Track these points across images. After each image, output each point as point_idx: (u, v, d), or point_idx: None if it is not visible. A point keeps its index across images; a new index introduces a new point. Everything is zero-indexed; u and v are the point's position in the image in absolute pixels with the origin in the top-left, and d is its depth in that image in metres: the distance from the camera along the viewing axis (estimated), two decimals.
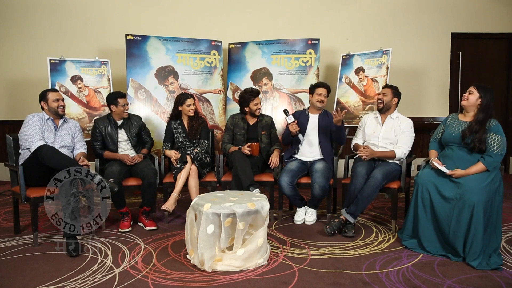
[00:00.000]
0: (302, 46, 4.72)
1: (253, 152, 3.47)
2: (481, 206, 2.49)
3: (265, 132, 3.64)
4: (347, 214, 3.06)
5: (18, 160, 3.04)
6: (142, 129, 3.60)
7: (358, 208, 3.03)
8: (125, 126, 3.49)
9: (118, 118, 3.48)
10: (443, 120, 2.97)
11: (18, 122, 4.86)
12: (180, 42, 4.65)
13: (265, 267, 2.48)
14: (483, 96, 2.70)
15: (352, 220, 3.06)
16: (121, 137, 3.47)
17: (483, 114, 2.69)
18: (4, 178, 5.15)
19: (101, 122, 3.45)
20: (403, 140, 3.19)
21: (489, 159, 2.61)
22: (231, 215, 2.39)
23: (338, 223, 3.05)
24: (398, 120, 3.28)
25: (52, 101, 3.10)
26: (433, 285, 2.24)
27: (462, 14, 5.37)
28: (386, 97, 3.27)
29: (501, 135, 2.64)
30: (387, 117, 3.31)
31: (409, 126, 3.23)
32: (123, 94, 3.47)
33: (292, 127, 3.35)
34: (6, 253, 2.74)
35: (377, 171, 3.06)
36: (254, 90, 3.61)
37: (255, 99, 3.57)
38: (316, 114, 3.52)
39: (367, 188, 3.00)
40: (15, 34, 5.12)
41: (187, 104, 3.54)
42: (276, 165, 3.46)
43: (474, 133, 2.66)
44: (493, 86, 5.43)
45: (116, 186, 2.90)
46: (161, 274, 2.40)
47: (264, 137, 3.63)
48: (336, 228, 3.03)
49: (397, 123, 3.26)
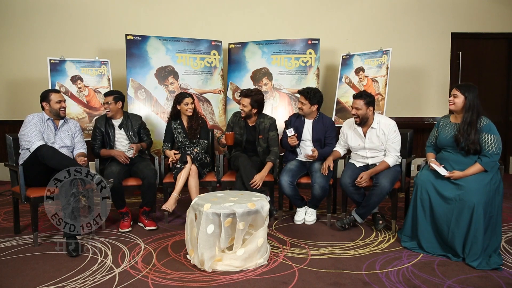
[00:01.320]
0: (302, 46, 4.72)
1: (227, 142, 3.47)
2: (481, 207, 2.49)
3: (262, 136, 3.55)
4: (356, 214, 3.18)
5: (18, 160, 3.04)
6: (141, 128, 3.60)
7: (367, 211, 3.14)
8: (124, 126, 3.49)
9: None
10: (436, 123, 2.94)
11: (18, 122, 4.86)
12: (180, 42, 4.65)
13: (265, 267, 2.48)
14: (467, 96, 2.67)
15: (360, 221, 3.18)
16: (121, 136, 3.47)
17: (469, 113, 2.65)
18: (4, 178, 5.15)
19: (100, 121, 3.47)
20: (390, 147, 3.14)
21: (485, 159, 2.60)
22: (231, 215, 2.39)
23: (349, 220, 3.17)
24: (379, 126, 3.15)
25: (54, 102, 3.10)
26: (433, 285, 2.24)
27: (462, 14, 5.36)
28: (360, 110, 3.09)
29: (494, 133, 2.61)
30: (368, 129, 3.18)
31: (392, 130, 3.13)
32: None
33: (291, 141, 3.34)
34: (6, 253, 2.74)
35: (383, 178, 3.02)
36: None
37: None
38: (311, 120, 3.46)
39: (374, 196, 3.03)
40: (15, 34, 5.12)
41: (184, 103, 3.54)
42: (258, 186, 3.24)
43: (466, 135, 2.63)
44: (493, 86, 5.53)
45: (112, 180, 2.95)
46: (161, 274, 2.40)
47: (261, 141, 3.55)
48: (347, 224, 3.15)
49: (380, 131, 3.15)
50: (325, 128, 3.42)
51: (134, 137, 3.49)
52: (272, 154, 3.47)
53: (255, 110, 3.50)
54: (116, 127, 3.48)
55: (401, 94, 5.30)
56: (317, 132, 3.41)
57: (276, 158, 3.47)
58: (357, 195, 3.13)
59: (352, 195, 3.13)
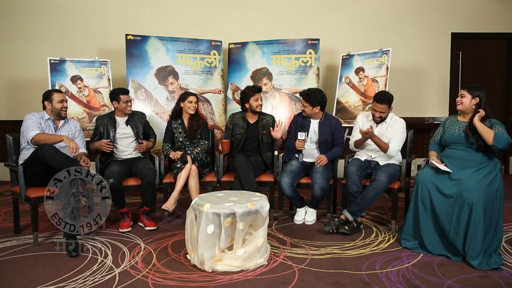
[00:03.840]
0: (302, 46, 4.72)
1: (224, 150, 3.50)
2: (480, 205, 2.49)
3: (265, 131, 3.59)
4: (347, 212, 3.09)
5: (18, 160, 3.05)
6: (146, 126, 3.64)
7: (361, 208, 3.06)
8: (130, 122, 3.51)
9: (121, 114, 3.51)
10: (442, 122, 2.99)
11: (18, 122, 4.85)
12: (180, 42, 4.65)
13: (265, 267, 2.48)
14: (478, 95, 2.74)
15: (351, 219, 3.07)
16: (128, 133, 3.49)
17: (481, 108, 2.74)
18: (4, 178, 5.15)
19: (102, 119, 3.49)
20: (395, 137, 3.19)
21: (500, 133, 2.63)
22: (231, 215, 2.39)
23: (338, 223, 3.06)
24: (391, 121, 3.26)
25: (56, 102, 3.12)
26: (433, 285, 2.24)
27: (462, 14, 5.36)
28: (384, 113, 3.20)
29: (503, 128, 2.68)
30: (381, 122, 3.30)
31: (401, 126, 3.22)
32: (126, 91, 3.51)
33: (299, 145, 3.31)
34: (6, 253, 2.74)
35: (382, 174, 3.05)
36: (256, 86, 3.60)
37: (255, 94, 3.54)
38: (316, 121, 3.45)
39: (371, 190, 3.01)
40: (15, 34, 5.12)
41: (188, 101, 3.55)
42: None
43: (476, 132, 2.68)
44: (493, 86, 5.53)
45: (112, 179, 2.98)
46: (161, 274, 2.40)
47: (264, 137, 3.60)
48: (335, 227, 3.04)
49: (390, 125, 3.25)
50: (332, 129, 3.40)
51: (140, 134, 3.52)
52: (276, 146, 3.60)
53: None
54: (122, 124, 3.49)
55: (401, 94, 5.29)
56: (324, 133, 3.39)
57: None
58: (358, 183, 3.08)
59: (354, 183, 3.08)
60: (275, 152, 3.60)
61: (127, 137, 3.48)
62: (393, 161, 3.22)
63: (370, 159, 3.27)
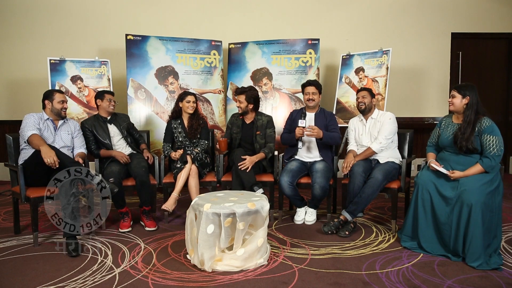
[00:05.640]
0: (302, 46, 4.72)
1: (221, 148, 3.53)
2: (479, 207, 2.48)
3: (259, 132, 3.59)
4: (346, 212, 3.09)
5: (18, 160, 3.04)
6: (130, 127, 3.62)
7: (358, 207, 3.05)
8: (114, 121, 3.51)
9: (105, 113, 3.47)
10: (438, 123, 2.95)
11: (18, 122, 4.83)
12: (180, 42, 4.65)
13: (265, 267, 2.48)
14: (468, 94, 2.69)
15: (350, 218, 3.08)
16: (113, 132, 3.47)
17: (469, 111, 2.67)
18: (4, 178, 5.15)
19: (88, 122, 3.44)
20: (381, 133, 3.23)
21: (487, 161, 2.60)
22: (231, 215, 2.39)
23: (337, 223, 3.07)
24: (378, 116, 3.34)
25: (57, 102, 3.12)
26: (433, 285, 2.24)
27: (462, 14, 5.37)
28: (366, 99, 3.33)
29: (496, 135, 2.61)
30: (368, 118, 3.37)
31: (387, 118, 3.26)
32: (112, 92, 3.50)
33: (298, 132, 3.33)
34: (6, 253, 2.74)
35: (377, 171, 3.07)
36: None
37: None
38: (312, 113, 3.52)
39: (367, 188, 3.01)
40: (15, 34, 5.12)
41: (186, 100, 3.55)
42: (246, 167, 3.29)
43: (462, 133, 2.65)
44: (493, 86, 5.54)
45: (116, 187, 2.90)
46: (161, 274, 2.40)
47: (259, 137, 3.59)
48: (335, 228, 3.04)
49: (378, 119, 3.32)
50: (326, 118, 3.50)
51: (123, 131, 3.51)
52: (267, 148, 3.54)
53: (251, 105, 3.57)
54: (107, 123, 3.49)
55: (401, 94, 5.31)
56: (319, 123, 3.46)
57: (270, 153, 3.53)
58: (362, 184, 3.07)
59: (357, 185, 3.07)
60: (275, 152, 3.61)
61: (114, 135, 3.48)
62: (391, 158, 3.22)
63: (371, 158, 3.28)
